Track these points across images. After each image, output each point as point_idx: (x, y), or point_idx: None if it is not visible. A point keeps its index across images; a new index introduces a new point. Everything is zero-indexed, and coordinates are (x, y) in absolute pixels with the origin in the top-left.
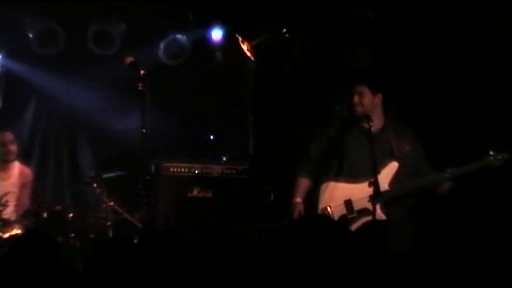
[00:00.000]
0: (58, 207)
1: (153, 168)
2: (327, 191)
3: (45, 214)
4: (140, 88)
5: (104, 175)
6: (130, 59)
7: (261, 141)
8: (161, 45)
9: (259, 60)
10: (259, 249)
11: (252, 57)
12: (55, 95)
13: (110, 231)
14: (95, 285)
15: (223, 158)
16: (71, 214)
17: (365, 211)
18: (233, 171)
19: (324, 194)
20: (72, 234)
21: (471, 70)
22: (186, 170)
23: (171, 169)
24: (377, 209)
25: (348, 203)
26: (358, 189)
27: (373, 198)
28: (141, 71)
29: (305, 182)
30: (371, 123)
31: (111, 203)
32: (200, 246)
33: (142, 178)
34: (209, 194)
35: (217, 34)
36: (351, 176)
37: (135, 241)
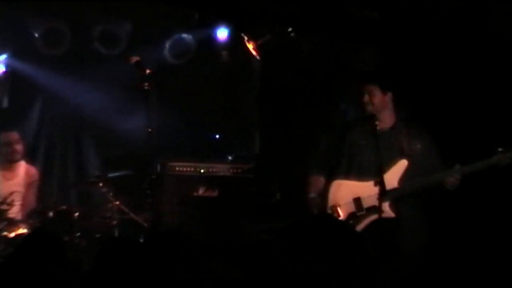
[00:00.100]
0: (63, 207)
1: (158, 167)
2: (337, 189)
3: (50, 213)
4: (145, 87)
5: (109, 175)
6: (135, 58)
7: (266, 140)
8: (167, 45)
9: (264, 59)
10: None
11: (257, 57)
12: (60, 95)
13: (115, 231)
14: (100, 285)
15: (229, 157)
16: (76, 213)
17: (374, 209)
18: (239, 171)
19: (333, 192)
20: (77, 233)
21: (477, 69)
22: (191, 169)
23: (177, 169)
24: (386, 206)
25: (357, 200)
26: (367, 187)
27: (380, 196)
28: (147, 71)
29: (318, 179)
30: (376, 122)
31: (117, 203)
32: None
33: (147, 177)
34: (215, 193)
35: (222, 33)
36: (360, 174)
37: (141, 241)
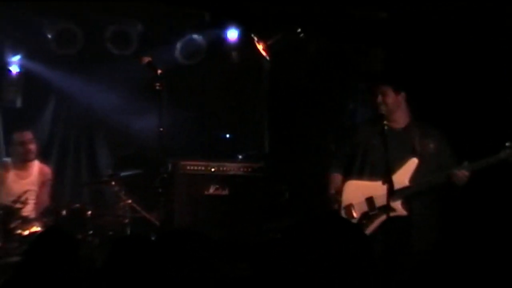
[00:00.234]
0: (76, 205)
1: (170, 166)
2: (350, 189)
3: (64, 212)
4: (157, 87)
5: (122, 174)
6: (147, 59)
7: (276, 139)
8: (178, 45)
9: (274, 59)
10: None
11: (267, 57)
12: (73, 95)
13: (127, 229)
14: (113, 282)
15: (239, 156)
16: (89, 212)
17: (387, 208)
18: (249, 170)
19: (347, 192)
20: (90, 231)
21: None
22: (202, 168)
23: (188, 168)
24: (398, 205)
25: (369, 200)
26: (379, 187)
27: (388, 195)
28: (158, 71)
29: (337, 177)
30: (385, 122)
31: (129, 201)
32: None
33: (159, 176)
34: (225, 192)
35: (232, 34)
36: (372, 173)
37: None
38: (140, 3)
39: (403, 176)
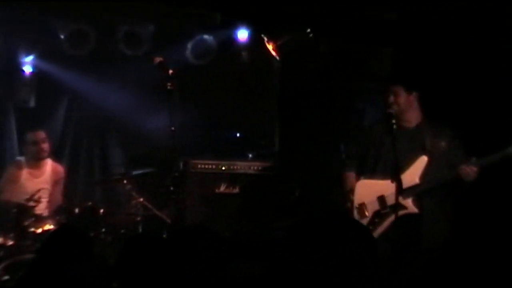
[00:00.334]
0: (89, 203)
1: (181, 165)
2: (362, 188)
3: (76, 210)
4: (168, 87)
5: (134, 172)
6: (159, 59)
7: (286, 138)
8: (189, 46)
9: (284, 59)
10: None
11: (277, 57)
12: (86, 95)
13: (139, 227)
14: (125, 279)
15: (250, 155)
16: (101, 210)
17: (398, 206)
18: (259, 168)
19: (359, 191)
20: (103, 229)
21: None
22: (213, 167)
23: (199, 166)
24: (409, 202)
25: (381, 198)
26: (390, 185)
27: (397, 194)
28: (170, 71)
29: (351, 176)
30: (393, 121)
31: (141, 199)
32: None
33: (170, 174)
34: (236, 190)
35: (243, 34)
36: (385, 173)
37: (164, 236)
38: (151, 4)
39: (413, 174)
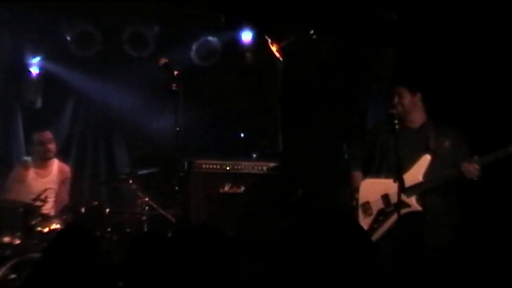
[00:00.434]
0: (95, 203)
1: (186, 165)
2: (366, 187)
3: (83, 209)
4: (173, 88)
5: (139, 172)
6: (164, 60)
7: (289, 138)
8: (193, 47)
9: (287, 60)
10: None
11: (280, 58)
12: (92, 96)
13: (145, 226)
14: (131, 277)
15: (254, 155)
16: (107, 209)
17: (401, 204)
18: (263, 168)
19: (363, 190)
20: (108, 228)
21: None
22: (218, 167)
23: (204, 166)
24: (413, 200)
25: (385, 197)
26: (394, 184)
27: (400, 193)
28: (175, 72)
29: (357, 175)
30: (395, 121)
31: (146, 199)
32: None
33: (175, 174)
34: (240, 190)
35: (247, 36)
36: (389, 172)
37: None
38: (157, 6)
39: (416, 172)
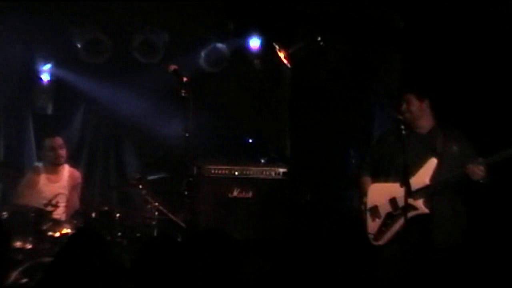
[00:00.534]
0: (105, 208)
1: (195, 170)
2: (374, 191)
3: (93, 214)
4: (183, 94)
5: (149, 177)
6: (173, 67)
7: (297, 143)
8: (202, 54)
9: (295, 67)
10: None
11: (288, 64)
12: (102, 102)
13: (155, 230)
14: (142, 280)
15: (262, 160)
16: (118, 214)
17: (409, 207)
18: (271, 173)
19: (371, 194)
20: (119, 233)
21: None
22: (226, 172)
23: (213, 171)
24: (420, 203)
25: (392, 201)
26: (401, 188)
27: (406, 197)
28: (184, 78)
29: (366, 180)
30: (402, 126)
31: (156, 204)
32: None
33: (185, 179)
34: (249, 194)
35: (255, 42)
36: (397, 176)
37: (179, 240)
38: (166, 14)
39: (423, 175)
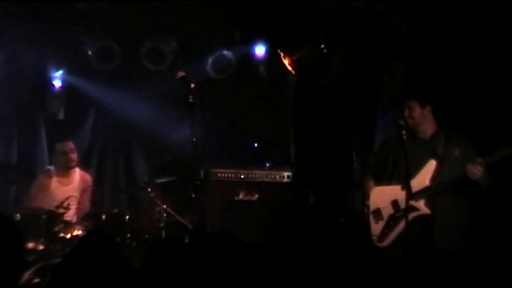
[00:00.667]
0: (115, 210)
1: (202, 173)
2: (376, 194)
3: (103, 216)
4: (191, 100)
5: (157, 180)
6: (181, 73)
7: (301, 148)
8: (209, 61)
9: (299, 73)
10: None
11: (292, 71)
12: (112, 107)
13: (163, 232)
14: (150, 281)
15: (267, 164)
16: (127, 216)
17: (410, 209)
18: (276, 176)
19: (373, 197)
20: (128, 234)
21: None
22: (232, 175)
23: (219, 175)
24: (421, 204)
25: (394, 203)
26: (402, 190)
27: (408, 199)
28: (192, 85)
29: (370, 183)
30: (403, 132)
31: (164, 206)
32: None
33: (192, 182)
34: (254, 197)
35: (260, 50)
36: (400, 180)
37: (186, 241)
38: (174, 22)
39: (423, 177)
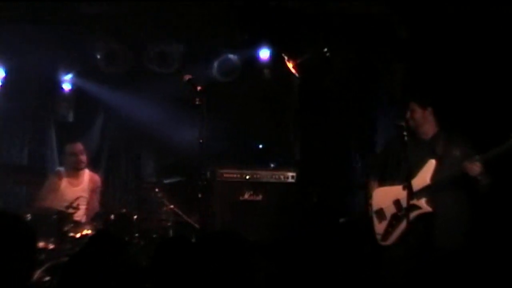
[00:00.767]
0: (124, 210)
1: (208, 174)
2: (379, 194)
3: (112, 216)
4: (197, 102)
5: (165, 181)
6: (188, 76)
7: (305, 149)
8: (215, 64)
9: (302, 76)
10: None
11: (296, 74)
12: (120, 110)
13: (170, 232)
14: (158, 280)
15: (272, 164)
16: (135, 216)
17: (412, 207)
18: (280, 177)
19: (376, 197)
20: (136, 234)
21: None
22: (238, 176)
23: (225, 175)
24: (423, 202)
25: (397, 202)
26: (404, 190)
27: (409, 199)
28: (198, 87)
29: (373, 183)
30: (404, 133)
31: (171, 206)
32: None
33: (199, 183)
34: (259, 197)
35: (265, 53)
36: (402, 181)
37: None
38: (181, 26)
39: (424, 176)
